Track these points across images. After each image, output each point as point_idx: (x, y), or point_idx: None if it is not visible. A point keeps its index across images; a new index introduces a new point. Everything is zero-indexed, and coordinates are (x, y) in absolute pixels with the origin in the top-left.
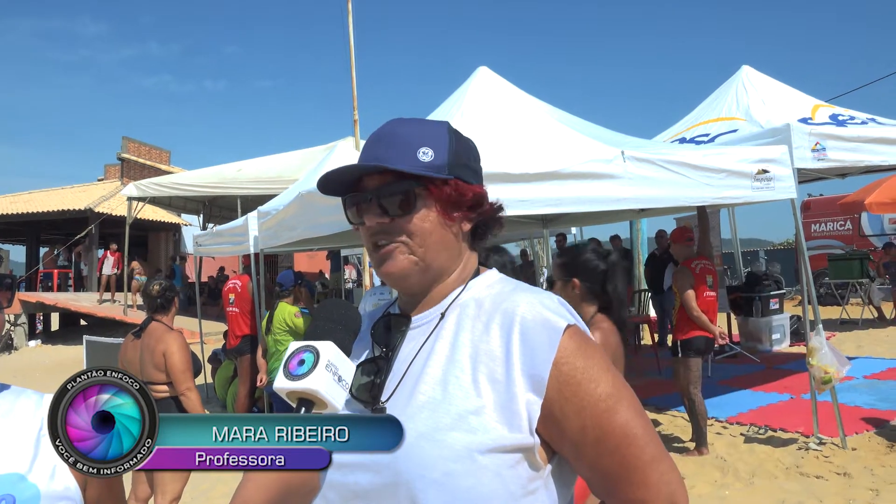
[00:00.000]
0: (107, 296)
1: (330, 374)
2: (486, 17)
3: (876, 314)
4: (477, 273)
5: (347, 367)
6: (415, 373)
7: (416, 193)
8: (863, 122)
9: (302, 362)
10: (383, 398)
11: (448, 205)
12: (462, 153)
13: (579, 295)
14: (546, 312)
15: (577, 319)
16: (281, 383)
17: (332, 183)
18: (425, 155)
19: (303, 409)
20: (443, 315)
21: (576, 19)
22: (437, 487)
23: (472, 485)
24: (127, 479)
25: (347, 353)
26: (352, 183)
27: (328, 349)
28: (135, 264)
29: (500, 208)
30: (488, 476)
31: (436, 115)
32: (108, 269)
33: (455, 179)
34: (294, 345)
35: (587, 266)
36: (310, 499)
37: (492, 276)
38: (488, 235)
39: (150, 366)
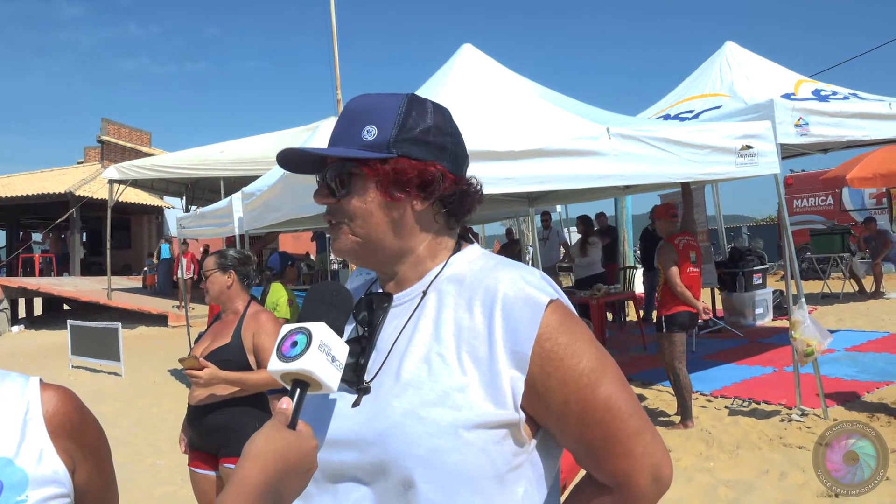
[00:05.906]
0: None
1: (323, 355)
2: None
3: (856, 288)
4: (458, 248)
5: (341, 348)
6: (399, 351)
7: (352, 174)
8: (845, 98)
9: (295, 344)
10: (367, 378)
11: (388, 185)
12: (414, 127)
13: None
14: (528, 288)
15: (560, 294)
16: (275, 365)
17: (295, 165)
18: (369, 133)
19: (297, 390)
20: (424, 293)
21: None
22: (424, 464)
23: (458, 461)
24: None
25: (340, 333)
26: (322, 161)
27: (321, 330)
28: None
29: (468, 184)
30: (474, 452)
31: (419, 94)
32: (185, 272)
33: (398, 158)
34: (286, 327)
35: None
36: (308, 477)
37: (473, 251)
38: (465, 213)
39: None
